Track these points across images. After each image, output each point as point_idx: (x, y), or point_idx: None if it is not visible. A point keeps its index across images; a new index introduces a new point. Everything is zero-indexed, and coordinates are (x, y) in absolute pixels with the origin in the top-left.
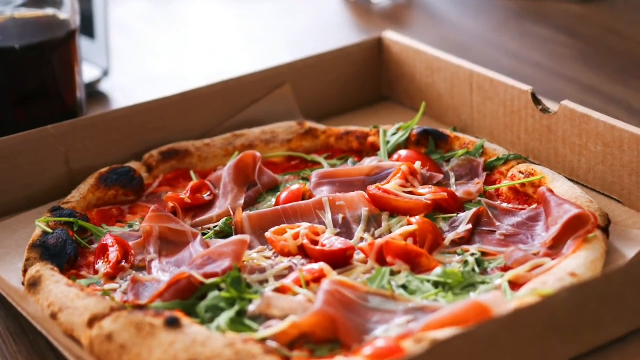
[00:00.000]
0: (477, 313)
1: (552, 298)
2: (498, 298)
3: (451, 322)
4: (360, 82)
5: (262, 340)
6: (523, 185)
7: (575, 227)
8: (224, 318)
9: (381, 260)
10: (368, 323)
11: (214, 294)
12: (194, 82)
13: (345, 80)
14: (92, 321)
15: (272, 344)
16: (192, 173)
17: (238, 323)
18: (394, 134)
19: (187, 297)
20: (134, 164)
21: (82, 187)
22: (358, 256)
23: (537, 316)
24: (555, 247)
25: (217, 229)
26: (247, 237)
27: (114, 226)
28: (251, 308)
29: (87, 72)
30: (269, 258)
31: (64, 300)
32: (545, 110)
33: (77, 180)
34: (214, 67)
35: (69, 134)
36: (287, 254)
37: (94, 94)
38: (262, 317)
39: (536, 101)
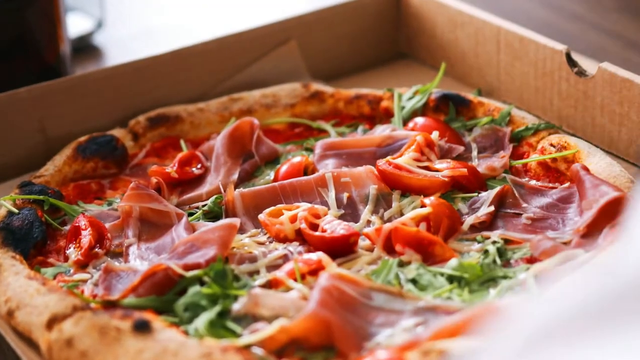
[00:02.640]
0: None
1: None
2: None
3: (465, 330)
4: (375, 37)
5: (246, 347)
6: (554, 160)
7: (612, 213)
8: (202, 320)
9: (389, 248)
10: (370, 326)
11: (194, 289)
12: (197, 35)
13: (358, 36)
14: (52, 322)
15: (258, 351)
16: (182, 142)
17: (219, 326)
18: (410, 98)
19: (165, 291)
20: (117, 132)
21: (57, 159)
22: (363, 242)
23: None
24: (589, 236)
25: (205, 208)
26: (236, 221)
27: (91, 204)
28: (236, 307)
29: (78, 24)
30: (262, 244)
31: (22, 296)
32: (581, 73)
33: (53, 149)
34: (220, 18)
35: (44, 97)
36: (283, 239)
37: (86, 48)
38: (248, 318)
39: (571, 62)
